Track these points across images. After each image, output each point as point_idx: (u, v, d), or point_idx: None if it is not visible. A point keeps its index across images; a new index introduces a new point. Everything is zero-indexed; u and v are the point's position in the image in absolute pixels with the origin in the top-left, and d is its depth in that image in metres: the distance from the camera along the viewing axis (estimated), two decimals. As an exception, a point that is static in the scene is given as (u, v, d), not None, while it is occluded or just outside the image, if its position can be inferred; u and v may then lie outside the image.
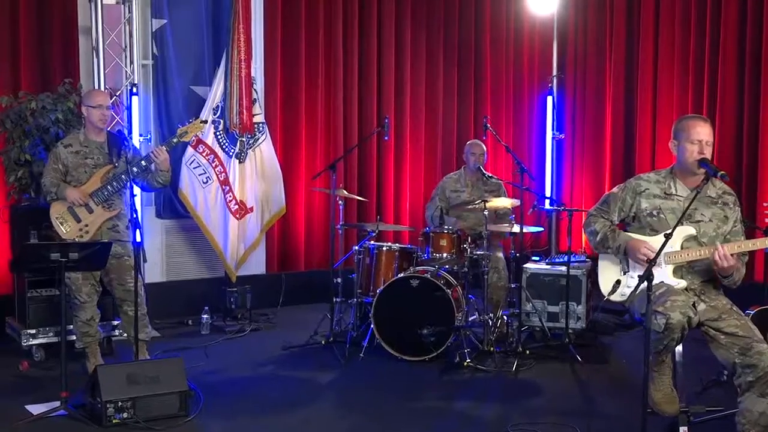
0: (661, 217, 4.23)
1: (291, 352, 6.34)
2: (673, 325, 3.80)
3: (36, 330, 5.96)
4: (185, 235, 7.58)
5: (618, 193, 4.41)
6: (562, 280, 6.56)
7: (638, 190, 4.33)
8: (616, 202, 4.38)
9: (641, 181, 4.38)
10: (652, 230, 4.24)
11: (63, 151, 5.60)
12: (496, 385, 5.53)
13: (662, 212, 4.23)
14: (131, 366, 4.85)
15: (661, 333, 3.82)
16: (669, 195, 4.26)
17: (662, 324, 3.79)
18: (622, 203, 4.37)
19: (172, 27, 7.30)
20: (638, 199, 4.32)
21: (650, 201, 4.28)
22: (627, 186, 4.41)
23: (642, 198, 4.31)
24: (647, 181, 4.36)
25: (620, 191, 4.41)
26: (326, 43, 8.25)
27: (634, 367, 5.95)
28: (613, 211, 4.38)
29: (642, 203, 4.30)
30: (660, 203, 4.26)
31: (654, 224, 4.25)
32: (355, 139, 8.41)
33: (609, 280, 4.21)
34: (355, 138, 8.42)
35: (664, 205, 4.25)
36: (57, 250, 4.66)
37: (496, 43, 9.35)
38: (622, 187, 4.43)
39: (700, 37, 8.09)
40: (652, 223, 4.26)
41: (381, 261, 6.53)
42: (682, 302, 3.86)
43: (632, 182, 4.41)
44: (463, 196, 7.03)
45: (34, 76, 6.86)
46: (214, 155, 7.13)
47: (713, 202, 4.22)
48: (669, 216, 4.20)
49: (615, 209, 4.37)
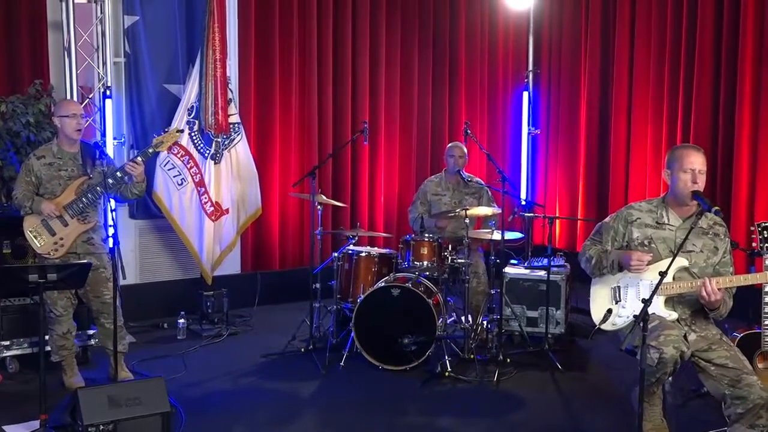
0: (652, 246, 4.23)
1: (270, 360, 6.29)
2: (666, 360, 3.81)
3: (10, 341, 5.84)
4: (159, 235, 7.47)
5: (610, 223, 4.41)
6: (541, 285, 6.57)
7: (630, 219, 4.33)
8: (608, 232, 4.38)
9: (633, 210, 4.37)
10: None
11: (36, 164, 5.43)
12: (478, 398, 5.52)
13: (653, 242, 4.23)
14: (112, 388, 4.75)
15: (654, 367, 3.83)
16: (661, 224, 4.26)
17: (655, 358, 3.80)
18: (614, 232, 4.37)
19: (145, 24, 7.15)
20: (630, 228, 4.32)
21: (642, 230, 4.28)
22: (619, 215, 4.40)
23: (633, 227, 4.30)
24: (639, 210, 4.35)
25: (612, 221, 4.41)
26: (300, 42, 8.15)
27: (613, 374, 6.01)
28: (606, 241, 4.37)
29: (633, 232, 4.30)
30: (651, 233, 4.25)
31: None
32: (329, 139, 8.36)
33: (600, 309, 4.21)
34: (330, 138, 8.36)
35: (656, 235, 4.24)
36: (35, 272, 4.53)
37: (470, 40, 9.31)
38: (614, 217, 4.43)
39: (677, 33, 8.09)
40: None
41: (360, 267, 6.49)
42: (675, 337, 3.87)
43: (624, 211, 4.41)
44: (444, 199, 6.99)
45: (1, 75, 6.68)
46: (189, 156, 7.01)
47: (704, 233, 4.23)
48: (660, 245, 4.20)
49: (608, 238, 4.37)
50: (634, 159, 8.63)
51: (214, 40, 6.91)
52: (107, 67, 6.83)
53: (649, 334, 3.79)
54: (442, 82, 9.14)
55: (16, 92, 6.44)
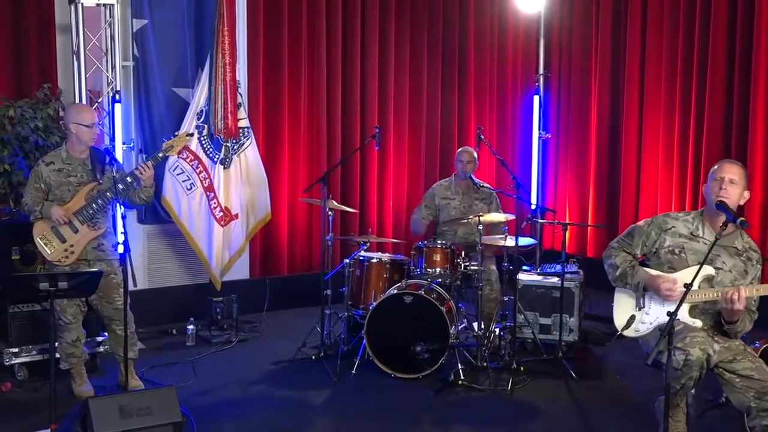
0: (682, 256, 4.18)
1: (281, 367, 6.23)
2: (692, 362, 3.74)
3: (18, 348, 5.78)
4: (168, 240, 7.41)
5: (643, 227, 4.36)
6: (554, 292, 6.50)
7: (665, 227, 4.29)
8: (640, 236, 4.34)
9: (669, 218, 4.33)
10: (671, 268, 4.19)
11: (45, 170, 5.37)
12: (492, 407, 5.44)
13: (684, 252, 4.18)
14: (123, 397, 4.71)
15: (679, 370, 3.76)
16: (695, 237, 4.22)
17: (681, 360, 3.74)
18: (646, 237, 4.32)
19: (154, 27, 7.08)
20: (663, 236, 4.28)
21: (675, 239, 4.23)
22: (654, 221, 4.36)
23: (667, 235, 4.26)
24: (675, 220, 4.31)
25: (646, 225, 4.37)
26: (309, 46, 8.08)
27: (629, 382, 5.94)
28: (636, 245, 4.33)
29: (666, 240, 4.25)
30: (684, 242, 4.21)
31: (674, 262, 4.19)
32: (338, 143, 8.30)
33: (624, 315, 4.16)
34: (339, 142, 8.30)
35: (688, 246, 4.20)
36: (46, 280, 4.47)
37: (480, 44, 9.23)
38: (648, 221, 4.40)
39: (689, 36, 8.01)
40: (672, 261, 4.20)
41: (372, 273, 6.43)
42: (701, 338, 3.81)
43: (660, 218, 4.37)
44: (453, 203, 6.92)
45: (8, 78, 6.67)
46: (198, 161, 6.94)
47: (737, 254, 4.17)
48: (690, 257, 4.15)
49: (638, 243, 4.33)
50: (645, 164, 8.55)
51: (224, 43, 6.84)
52: (116, 71, 6.76)
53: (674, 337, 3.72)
54: (451, 86, 9.07)
55: (24, 96, 6.39)
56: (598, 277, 7.12)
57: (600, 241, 9.03)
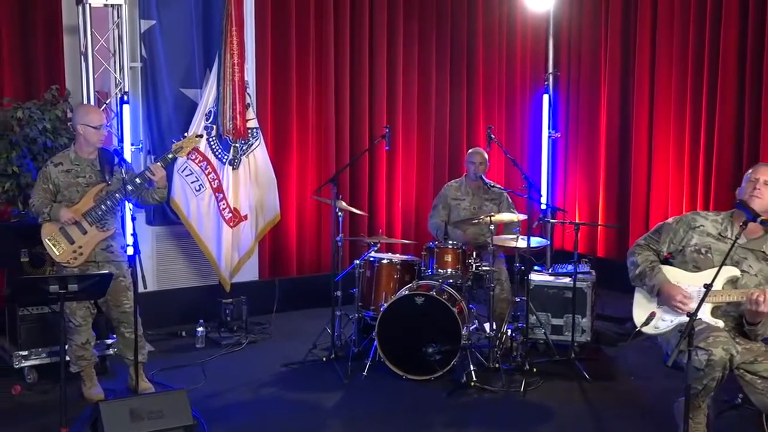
0: (708, 256, 4.13)
1: (291, 369, 6.18)
2: (715, 362, 3.69)
3: (28, 351, 5.74)
4: (176, 242, 7.37)
5: (672, 224, 4.33)
6: (566, 292, 6.46)
7: (693, 225, 4.25)
8: (668, 233, 4.31)
9: (698, 217, 4.30)
10: (696, 267, 4.15)
11: (53, 171, 5.33)
12: (505, 409, 5.40)
13: (711, 252, 4.14)
14: (134, 401, 4.69)
15: (701, 370, 3.71)
16: (723, 237, 4.17)
17: (704, 360, 3.69)
18: (674, 234, 4.28)
19: (161, 28, 7.03)
20: (690, 233, 4.24)
21: (702, 238, 4.19)
22: (683, 219, 4.32)
23: (695, 233, 4.22)
24: (704, 219, 4.27)
25: (675, 222, 4.34)
26: (317, 47, 8.03)
27: (642, 383, 5.89)
28: (664, 242, 4.29)
29: (693, 238, 4.22)
30: (711, 242, 4.17)
31: (699, 261, 4.15)
32: (347, 143, 8.25)
33: (644, 312, 4.10)
34: (347, 142, 8.26)
35: (715, 246, 4.15)
36: (56, 282, 4.44)
37: (488, 43, 9.16)
38: (677, 219, 4.36)
39: (700, 33, 7.93)
40: (697, 260, 4.16)
41: (382, 274, 6.38)
42: (724, 338, 3.76)
43: (689, 216, 4.33)
44: (463, 204, 6.87)
45: (16, 80, 6.64)
46: (207, 162, 6.91)
47: (765, 258, 4.12)
48: (716, 258, 4.10)
49: (666, 240, 4.29)
50: (656, 164, 8.48)
51: (232, 43, 6.81)
52: (124, 72, 6.72)
53: (696, 336, 3.67)
54: (459, 85, 9.01)
55: (31, 98, 6.35)
56: (608, 278, 7.13)
57: (610, 241, 8.97)
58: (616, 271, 7.32)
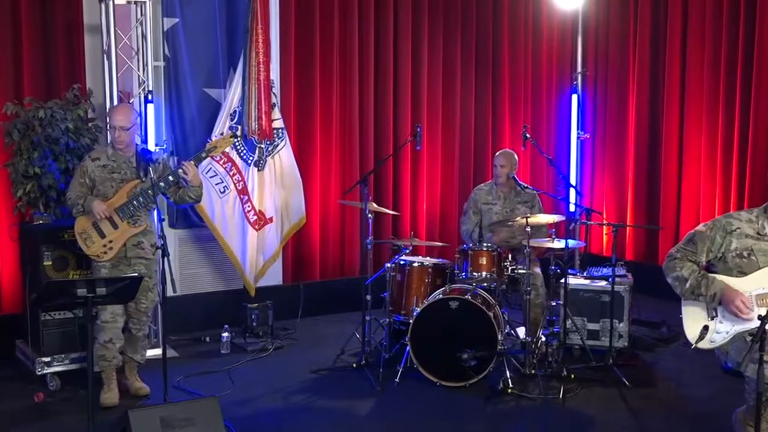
0: (752, 259, 3.91)
1: (320, 376, 6.00)
2: None
3: (50, 358, 5.60)
4: (200, 245, 7.21)
5: (706, 232, 4.05)
6: (602, 296, 6.28)
7: (729, 229, 4.00)
8: (704, 242, 4.03)
9: (732, 219, 4.04)
10: (741, 272, 3.92)
11: (90, 165, 5.33)
12: (545, 417, 5.21)
13: (754, 253, 3.91)
14: (165, 408, 4.49)
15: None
16: (762, 235, 3.94)
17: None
18: (711, 243, 4.02)
19: (185, 26, 6.90)
20: (728, 238, 3.99)
21: (741, 241, 3.96)
22: (716, 224, 4.06)
23: (733, 237, 3.98)
24: (738, 220, 4.02)
25: (708, 230, 4.06)
26: (341, 46, 7.85)
27: (684, 390, 5.69)
28: (701, 252, 4.03)
29: (732, 243, 3.97)
30: (752, 244, 3.94)
31: (743, 266, 3.93)
32: (371, 144, 8.07)
33: (696, 326, 3.88)
34: (372, 143, 8.07)
35: (756, 246, 3.93)
36: (84, 286, 4.26)
37: (514, 42, 8.95)
38: (710, 226, 4.08)
39: (733, 30, 7.73)
40: (741, 265, 3.93)
41: (413, 278, 6.20)
42: None
43: (722, 220, 4.07)
44: (495, 208, 6.66)
45: (37, 79, 6.47)
46: (232, 163, 6.75)
47: None
48: (761, 258, 3.88)
49: (703, 250, 4.02)
50: (686, 165, 8.27)
51: (258, 42, 6.65)
52: (148, 71, 6.56)
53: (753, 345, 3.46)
54: (485, 86, 8.82)
55: (52, 97, 6.19)
56: (641, 281, 6.92)
57: (640, 244, 8.76)
58: (646, 273, 7.19)
